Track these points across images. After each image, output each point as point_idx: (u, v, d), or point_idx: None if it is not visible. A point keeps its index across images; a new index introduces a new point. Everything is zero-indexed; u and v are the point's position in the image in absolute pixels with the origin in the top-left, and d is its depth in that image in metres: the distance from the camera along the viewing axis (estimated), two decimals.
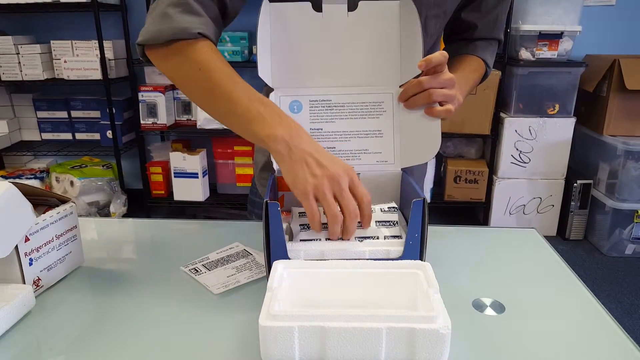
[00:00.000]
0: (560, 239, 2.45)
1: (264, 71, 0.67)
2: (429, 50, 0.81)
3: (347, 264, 0.53)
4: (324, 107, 0.68)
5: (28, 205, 0.57)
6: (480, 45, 0.83)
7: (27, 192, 0.58)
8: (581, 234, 2.43)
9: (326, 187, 0.54)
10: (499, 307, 0.57)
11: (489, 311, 0.56)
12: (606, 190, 2.30)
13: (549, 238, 2.43)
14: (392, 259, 0.56)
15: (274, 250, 0.55)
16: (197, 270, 0.65)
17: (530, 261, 0.69)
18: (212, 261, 0.67)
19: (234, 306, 0.57)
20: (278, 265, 0.52)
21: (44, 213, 0.60)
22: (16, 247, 0.56)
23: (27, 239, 0.57)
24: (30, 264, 0.58)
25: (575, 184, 2.34)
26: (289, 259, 0.55)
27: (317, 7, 0.67)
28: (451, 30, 0.86)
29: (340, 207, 0.55)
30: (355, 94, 0.68)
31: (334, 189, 0.54)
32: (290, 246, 0.56)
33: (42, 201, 0.64)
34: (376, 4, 0.68)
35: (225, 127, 2.35)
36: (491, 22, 0.82)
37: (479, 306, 0.57)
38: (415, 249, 0.56)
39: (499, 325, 0.54)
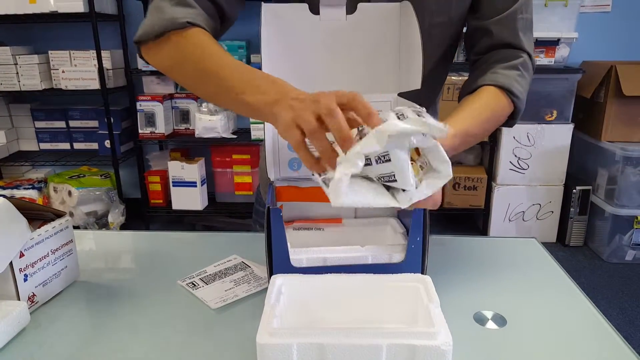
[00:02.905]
0: (560, 245, 2.44)
1: None
2: (436, 61, 0.76)
3: (346, 277, 0.53)
4: None
5: (23, 221, 0.57)
6: (501, 72, 0.69)
7: (22, 207, 0.57)
8: (581, 240, 2.42)
9: (307, 111, 0.47)
10: (500, 320, 0.56)
11: (491, 324, 0.56)
12: (605, 196, 2.30)
13: (548, 244, 2.42)
14: (395, 264, 0.56)
15: (276, 257, 0.55)
16: (195, 285, 0.64)
17: (532, 272, 0.68)
18: (210, 274, 0.67)
19: (232, 321, 0.56)
20: (276, 280, 0.51)
21: (39, 228, 0.60)
22: (10, 262, 0.55)
23: (21, 255, 0.56)
24: (25, 280, 0.57)
25: (574, 190, 2.34)
26: (292, 265, 0.55)
27: (315, 9, 0.64)
28: (470, 46, 0.76)
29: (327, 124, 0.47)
30: None
31: (315, 109, 0.47)
32: (292, 253, 0.55)
33: (37, 215, 0.63)
34: (376, 6, 0.65)
35: (223, 136, 2.37)
36: (506, 23, 0.70)
37: (480, 319, 0.56)
38: (417, 253, 0.57)
39: (500, 339, 0.53)
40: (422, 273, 0.59)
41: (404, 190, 0.49)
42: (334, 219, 0.68)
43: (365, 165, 0.48)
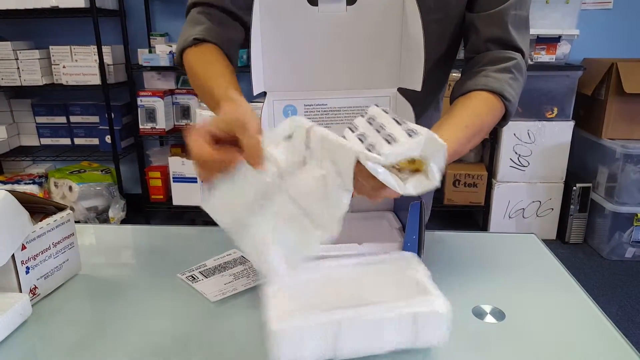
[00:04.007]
0: (560, 243, 2.45)
1: (257, 75, 0.63)
2: (437, 59, 0.74)
3: (334, 262, 0.54)
4: (319, 112, 0.66)
5: (25, 214, 0.57)
6: (492, 76, 0.66)
7: (24, 200, 0.58)
8: (581, 237, 2.42)
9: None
10: (499, 315, 0.57)
11: (489, 318, 0.56)
12: (605, 193, 2.30)
13: (548, 242, 2.42)
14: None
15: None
16: (194, 278, 0.65)
17: (531, 267, 0.69)
18: (209, 268, 0.67)
19: (231, 314, 0.57)
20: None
21: (41, 221, 0.60)
22: (13, 255, 0.55)
23: (23, 247, 0.57)
24: (27, 272, 0.57)
25: (574, 188, 2.34)
26: None
27: (312, 0, 0.61)
28: (465, 43, 0.74)
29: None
30: (352, 98, 0.66)
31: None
32: None
33: (39, 209, 0.63)
34: None
35: None
36: (496, 18, 0.67)
37: (479, 313, 0.57)
38: (414, 249, 0.58)
39: (499, 333, 0.54)
40: None
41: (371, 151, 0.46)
42: None
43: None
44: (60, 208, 0.64)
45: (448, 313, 0.46)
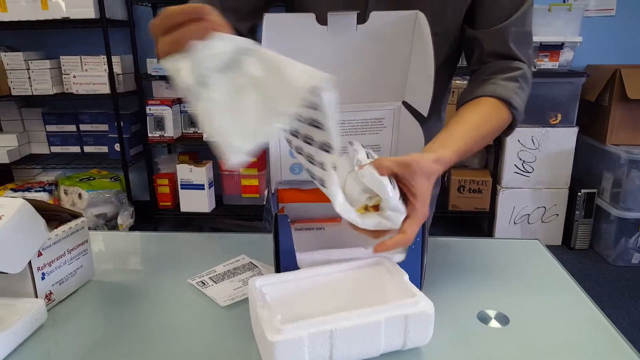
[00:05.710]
0: (565, 249, 2.44)
1: None
2: (436, 70, 0.72)
3: (315, 271, 0.56)
4: None
5: (41, 221, 0.59)
6: (501, 84, 0.67)
7: (40, 208, 0.60)
8: (586, 243, 2.42)
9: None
10: (503, 319, 0.58)
11: (494, 323, 0.57)
12: (611, 199, 2.30)
13: (554, 248, 2.42)
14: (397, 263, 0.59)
15: (284, 261, 0.57)
16: (204, 283, 0.66)
17: (535, 273, 0.70)
18: (219, 274, 0.69)
19: (240, 318, 0.58)
20: (256, 282, 0.53)
21: (56, 228, 0.62)
22: (29, 261, 0.57)
23: (39, 254, 0.59)
24: (43, 278, 0.59)
25: (579, 193, 2.34)
26: (298, 267, 0.58)
27: (322, 20, 0.60)
28: (468, 56, 0.76)
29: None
30: (357, 111, 0.67)
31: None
32: (299, 255, 0.58)
33: (54, 216, 0.65)
34: (390, 14, 0.61)
35: None
36: (498, 35, 0.68)
37: (483, 318, 0.58)
38: (417, 254, 0.59)
39: (503, 337, 0.55)
40: (421, 271, 0.61)
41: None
42: (333, 219, 0.70)
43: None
44: (75, 215, 0.66)
45: (433, 312, 0.49)
